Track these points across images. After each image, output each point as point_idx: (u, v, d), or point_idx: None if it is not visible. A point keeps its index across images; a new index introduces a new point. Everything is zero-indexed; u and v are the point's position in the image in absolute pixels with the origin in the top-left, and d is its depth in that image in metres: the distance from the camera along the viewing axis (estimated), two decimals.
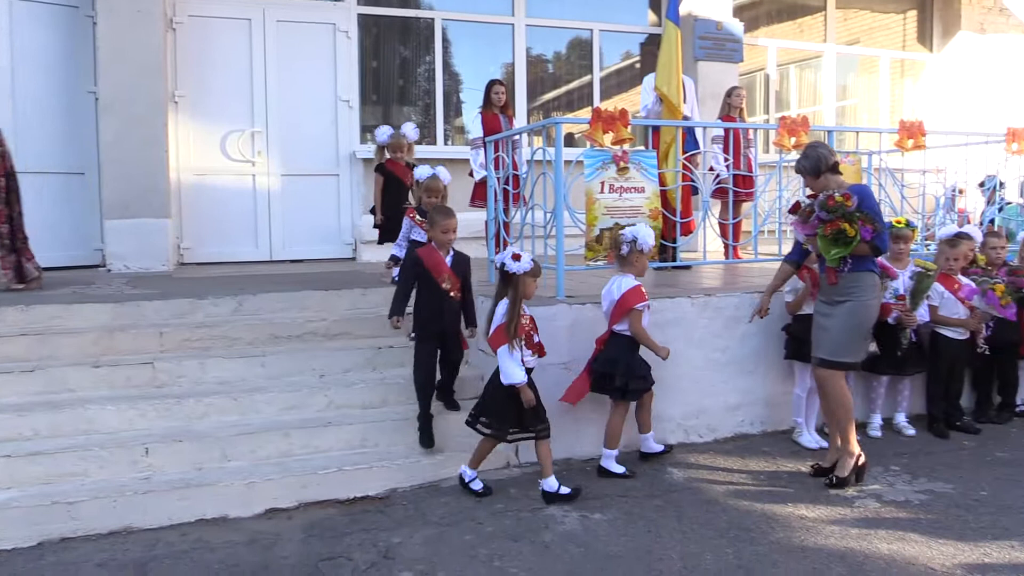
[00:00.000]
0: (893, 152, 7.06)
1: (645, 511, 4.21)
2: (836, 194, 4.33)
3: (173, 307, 5.67)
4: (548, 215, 5.51)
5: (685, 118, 7.16)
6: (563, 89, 10.38)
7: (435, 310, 4.76)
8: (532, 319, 4.46)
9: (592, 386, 4.83)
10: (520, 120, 9.30)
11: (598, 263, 5.44)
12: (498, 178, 6.28)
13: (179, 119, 8.28)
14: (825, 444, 5.12)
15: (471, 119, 8.77)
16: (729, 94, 8.02)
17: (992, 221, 7.45)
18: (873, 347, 5.28)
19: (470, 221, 8.64)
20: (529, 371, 4.37)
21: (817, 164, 4.55)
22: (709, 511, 4.21)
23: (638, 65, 10.51)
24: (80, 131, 7.86)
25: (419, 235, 5.60)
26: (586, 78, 10.28)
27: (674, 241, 6.30)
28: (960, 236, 5.71)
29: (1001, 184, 7.46)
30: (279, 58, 8.61)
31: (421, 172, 5.76)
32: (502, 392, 4.33)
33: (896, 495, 4.44)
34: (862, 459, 4.61)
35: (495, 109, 7.56)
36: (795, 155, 6.26)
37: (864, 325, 4.54)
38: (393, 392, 5.21)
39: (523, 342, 4.33)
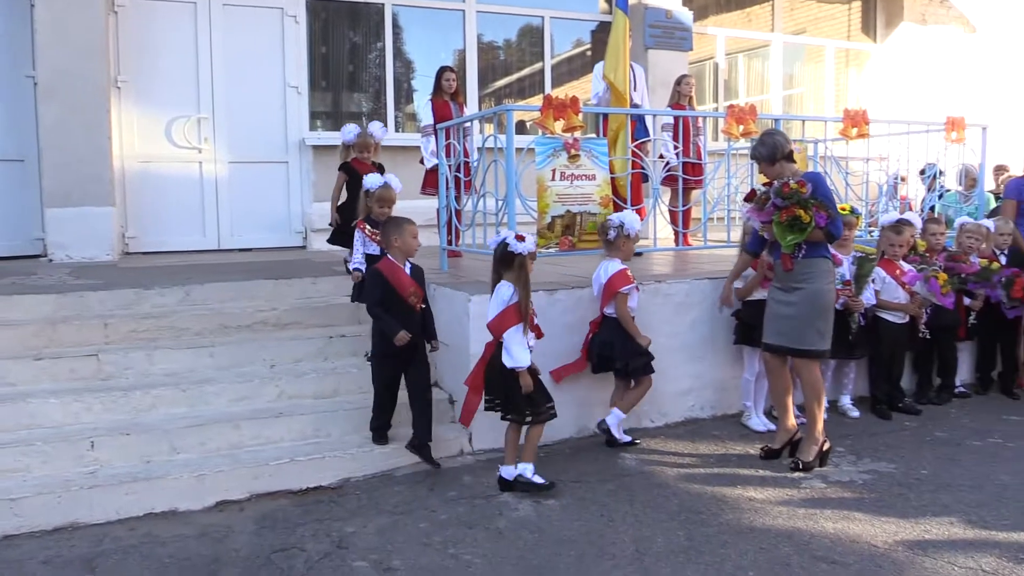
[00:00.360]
0: (838, 140, 7.20)
1: (598, 496, 4.26)
2: (791, 181, 4.40)
3: (118, 297, 5.55)
4: (500, 203, 5.52)
5: (635, 106, 7.21)
6: (514, 76, 10.37)
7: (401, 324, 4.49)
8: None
9: (594, 368, 5.02)
10: (471, 107, 9.27)
11: (550, 250, 5.47)
12: (449, 165, 6.26)
13: (122, 105, 8.08)
14: (773, 427, 5.23)
15: (422, 106, 8.72)
16: (679, 82, 8.09)
17: (932, 208, 7.64)
18: None
19: (421, 209, 8.61)
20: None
21: (773, 151, 4.61)
22: (661, 495, 4.27)
23: (589, 53, 10.54)
24: (19, 117, 7.64)
25: (373, 248, 5.24)
26: (537, 65, 10.28)
27: None
28: (902, 222, 5.85)
29: (940, 172, 7.65)
30: (225, 43, 8.44)
31: (371, 181, 5.30)
32: (511, 375, 4.24)
33: (841, 475, 4.55)
34: (827, 444, 4.72)
35: (446, 96, 7.52)
36: (744, 143, 6.40)
37: (824, 310, 4.61)
38: (345, 382, 5.18)
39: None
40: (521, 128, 9.82)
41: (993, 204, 8.40)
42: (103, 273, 6.50)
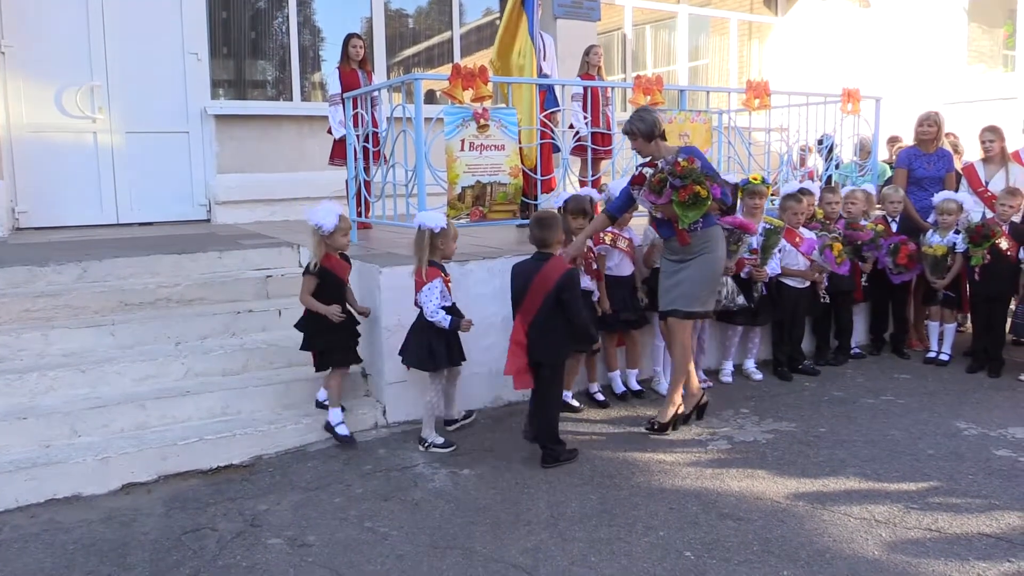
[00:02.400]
0: (741, 111, 7.38)
1: (512, 464, 4.32)
2: (681, 159, 4.40)
3: (9, 275, 5.28)
4: (409, 173, 5.46)
5: (545, 76, 7.21)
6: (423, 45, 10.24)
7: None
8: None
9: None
10: (379, 76, 9.12)
11: (460, 221, 5.45)
12: (357, 136, 6.16)
13: (7, 72, 7.64)
14: (683, 391, 5.40)
15: (329, 75, 8.53)
16: (587, 52, 8.13)
17: (830, 178, 7.92)
18: (741, 300, 5.57)
19: (330, 180, 8.49)
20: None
21: (652, 128, 4.57)
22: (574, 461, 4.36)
23: (498, 22, 10.45)
24: None
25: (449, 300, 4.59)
26: (446, 34, 10.17)
27: (535, 199, 6.38)
28: (801, 191, 6.07)
29: (837, 144, 7.92)
30: (119, 6, 8.04)
31: (435, 220, 4.54)
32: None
33: (745, 436, 4.73)
34: (682, 408, 4.83)
35: (353, 64, 7.38)
36: None
37: (717, 275, 4.76)
38: (255, 357, 5.08)
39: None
40: (431, 98, 9.72)
41: (888, 174, 8.75)
42: None
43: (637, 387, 5.55)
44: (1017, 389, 5.62)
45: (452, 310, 4.53)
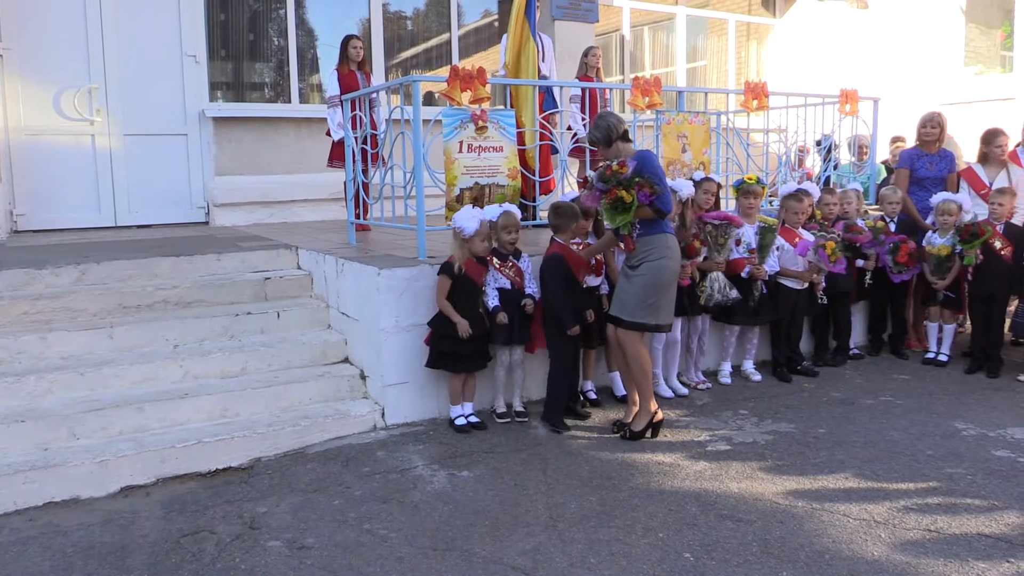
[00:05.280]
0: (740, 112, 7.38)
1: (511, 465, 4.31)
2: (613, 164, 4.42)
3: (7, 278, 5.27)
4: (408, 175, 5.46)
5: (543, 77, 7.22)
6: (421, 47, 10.24)
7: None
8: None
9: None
10: (378, 78, 9.12)
11: None
12: (356, 137, 6.16)
13: (5, 74, 7.63)
14: (685, 391, 5.42)
15: (327, 76, 8.53)
16: (586, 54, 8.14)
17: (828, 179, 7.93)
18: (735, 293, 5.57)
19: (329, 182, 8.50)
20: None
21: (608, 133, 4.60)
22: (573, 462, 4.35)
23: (496, 23, 10.48)
24: None
25: (504, 282, 4.89)
26: (444, 36, 10.17)
27: (534, 200, 6.38)
28: (801, 192, 6.08)
29: (835, 144, 7.93)
30: (117, 8, 8.04)
31: (492, 212, 5.00)
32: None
33: (745, 437, 4.73)
34: (659, 415, 4.76)
35: (352, 65, 7.38)
36: (649, 115, 6.49)
37: (658, 285, 4.56)
38: (253, 359, 5.07)
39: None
40: (429, 99, 9.72)
41: (884, 174, 8.76)
42: None
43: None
44: (1016, 389, 5.62)
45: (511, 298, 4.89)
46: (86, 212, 8.10)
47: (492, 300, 4.85)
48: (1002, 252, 5.91)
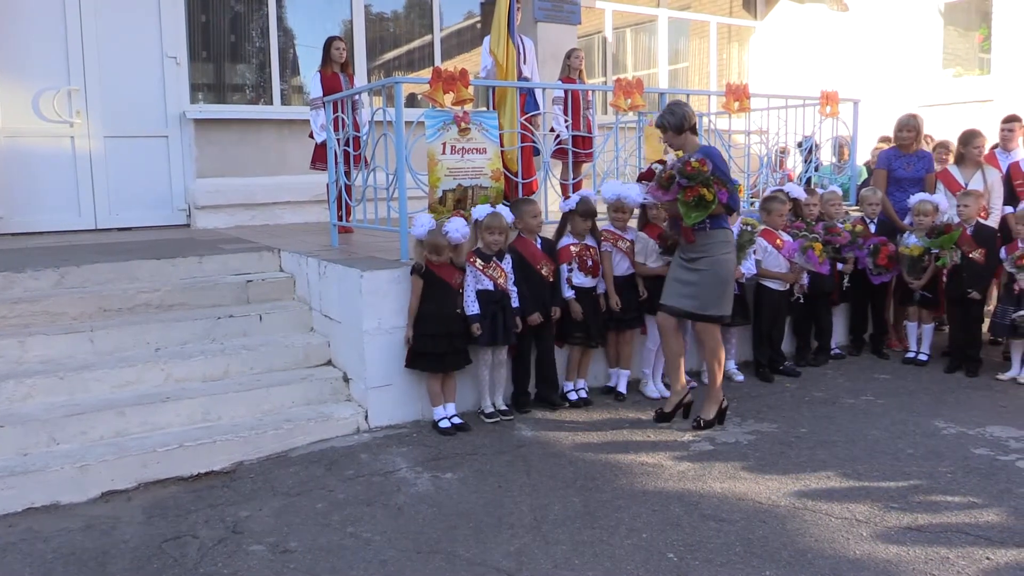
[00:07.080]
0: (721, 114, 7.42)
1: (495, 467, 4.31)
2: (692, 160, 4.50)
3: None
4: (390, 177, 5.45)
5: (525, 79, 7.22)
6: (403, 49, 10.22)
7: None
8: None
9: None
10: (360, 80, 9.09)
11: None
12: (338, 139, 6.14)
13: None
14: (667, 393, 5.42)
15: (309, 78, 8.50)
16: (569, 56, 8.15)
17: (809, 180, 7.97)
18: None
19: (311, 184, 8.46)
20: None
21: (682, 121, 4.70)
22: (556, 464, 4.36)
23: (479, 25, 10.48)
24: None
25: (486, 283, 4.93)
26: (427, 38, 10.16)
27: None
28: (782, 193, 6.11)
29: (816, 145, 7.98)
30: (97, 10, 7.97)
31: (480, 211, 5.15)
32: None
33: (727, 437, 4.75)
34: (725, 402, 4.97)
35: (335, 67, 7.36)
36: (631, 116, 6.51)
37: (727, 278, 4.79)
38: (235, 362, 5.05)
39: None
40: (412, 101, 9.69)
41: (866, 175, 8.82)
42: None
43: (624, 390, 5.56)
44: (995, 388, 5.68)
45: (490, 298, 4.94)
46: (66, 215, 8.02)
47: (471, 307, 4.87)
48: (968, 253, 5.98)
